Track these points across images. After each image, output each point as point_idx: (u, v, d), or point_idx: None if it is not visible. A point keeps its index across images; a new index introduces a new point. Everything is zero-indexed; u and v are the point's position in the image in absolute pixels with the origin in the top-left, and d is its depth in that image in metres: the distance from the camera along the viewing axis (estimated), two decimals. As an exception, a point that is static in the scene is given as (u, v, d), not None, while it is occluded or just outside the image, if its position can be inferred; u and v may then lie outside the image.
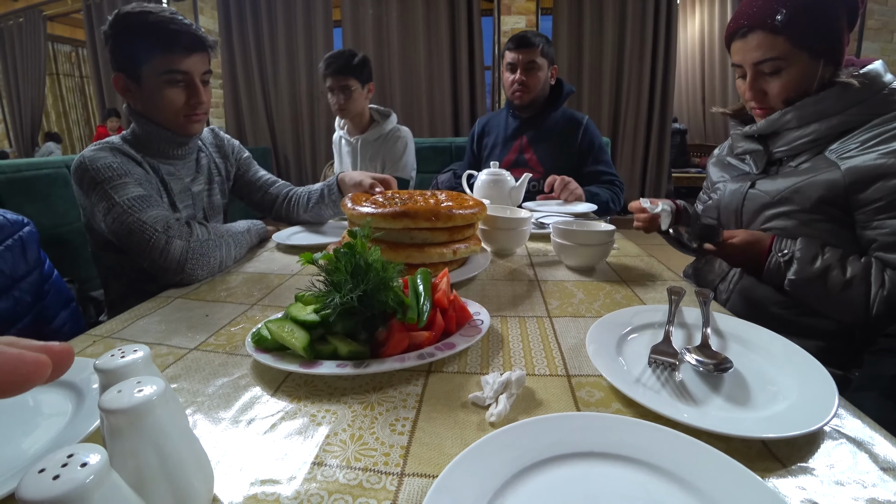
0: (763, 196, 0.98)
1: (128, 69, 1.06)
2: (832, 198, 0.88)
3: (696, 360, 0.55)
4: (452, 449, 0.43)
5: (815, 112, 0.92)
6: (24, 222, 0.96)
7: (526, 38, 1.85)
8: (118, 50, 1.06)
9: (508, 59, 1.88)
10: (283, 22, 5.08)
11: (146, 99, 1.08)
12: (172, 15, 1.04)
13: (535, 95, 1.88)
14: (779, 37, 0.90)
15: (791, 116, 0.94)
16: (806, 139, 0.94)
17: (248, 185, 1.40)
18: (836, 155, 0.90)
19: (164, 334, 0.70)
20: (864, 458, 0.42)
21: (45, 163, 1.46)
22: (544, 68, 1.87)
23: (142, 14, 1.02)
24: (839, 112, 0.90)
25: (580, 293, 0.84)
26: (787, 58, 0.91)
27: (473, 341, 0.60)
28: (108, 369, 0.37)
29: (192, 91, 1.09)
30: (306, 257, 0.61)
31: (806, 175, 0.92)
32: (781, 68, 0.93)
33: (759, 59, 0.93)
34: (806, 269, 0.86)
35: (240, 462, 0.42)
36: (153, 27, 1.02)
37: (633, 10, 4.63)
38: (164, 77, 1.05)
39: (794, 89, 0.94)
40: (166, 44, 1.04)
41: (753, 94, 0.98)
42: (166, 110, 1.09)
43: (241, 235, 1.10)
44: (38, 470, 0.25)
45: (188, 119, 1.11)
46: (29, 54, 6.51)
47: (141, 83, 1.07)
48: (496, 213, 1.07)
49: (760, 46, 0.92)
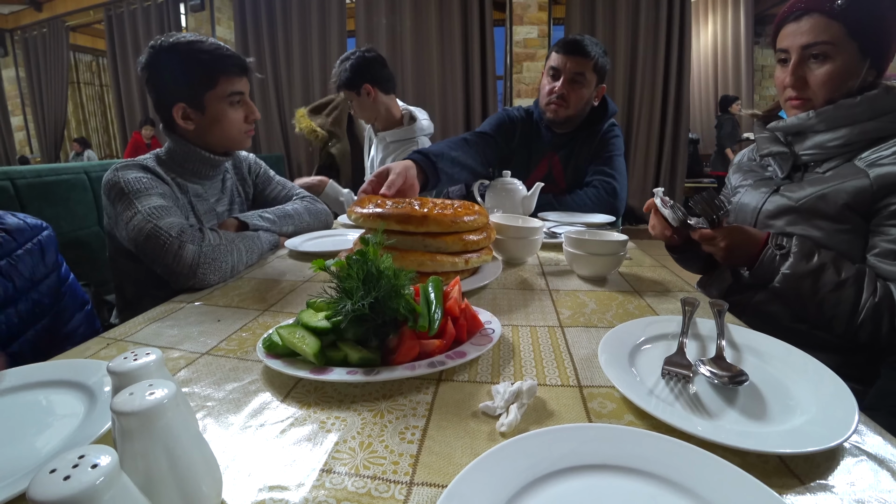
0: (786, 201, 0.96)
1: (189, 98, 1.12)
2: (857, 204, 0.86)
3: (710, 373, 0.54)
4: (462, 458, 0.43)
5: (848, 116, 0.90)
6: (42, 226, 0.98)
7: (580, 44, 1.56)
8: (174, 81, 1.12)
9: (553, 62, 1.59)
10: (298, 32, 5.15)
11: (210, 123, 1.15)
12: (216, 42, 1.13)
13: (573, 114, 1.63)
14: (834, 22, 0.88)
15: (823, 118, 0.92)
16: (836, 143, 0.91)
17: (265, 203, 1.43)
18: (866, 163, 0.87)
19: (176, 339, 0.71)
20: (885, 476, 0.41)
21: (65, 168, 1.49)
22: (591, 85, 1.60)
23: (190, 44, 1.10)
24: (873, 118, 0.88)
25: (592, 303, 0.83)
26: (838, 45, 0.88)
27: (484, 350, 0.60)
28: (121, 372, 0.37)
29: (249, 109, 1.20)
30: (318, 264, 0.61)
31: (833, 182, 0.89)
32: (829, 56, 0.89)
33: (809, 41, 0.90)
34: (801, 264, 0.85)
35: (249, 467, 0.42)
36: (209, 55, 1.11)
37: (645, 20, 4.63)
38: (228, 99, 1.14)
39: (837, 81, 0.90)
40: (227, 69, 1.12)
41: (794, 81, 0.94)
42: (230, 129, 1.17)
43: (253, 242, 1.11)
44: (50, 470, 0.25)
45: (247, 135, 1.22)
46: (52, 63, 6.70)
47: (204, 109, 1.13)
48: (508, 223, 1.07)
49: (814, 29, 0.89)
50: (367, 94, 1.96)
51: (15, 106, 7.20)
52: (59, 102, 6.85)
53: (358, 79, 1.93)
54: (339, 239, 1.31)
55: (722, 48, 6.36)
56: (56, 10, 6.50)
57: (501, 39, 4.90)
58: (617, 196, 1.62)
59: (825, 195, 0.89)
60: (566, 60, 1.56)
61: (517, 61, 4.73)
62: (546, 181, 1.61)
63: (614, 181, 1.63)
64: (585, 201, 1.60)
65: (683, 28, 4.66)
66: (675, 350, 0.60)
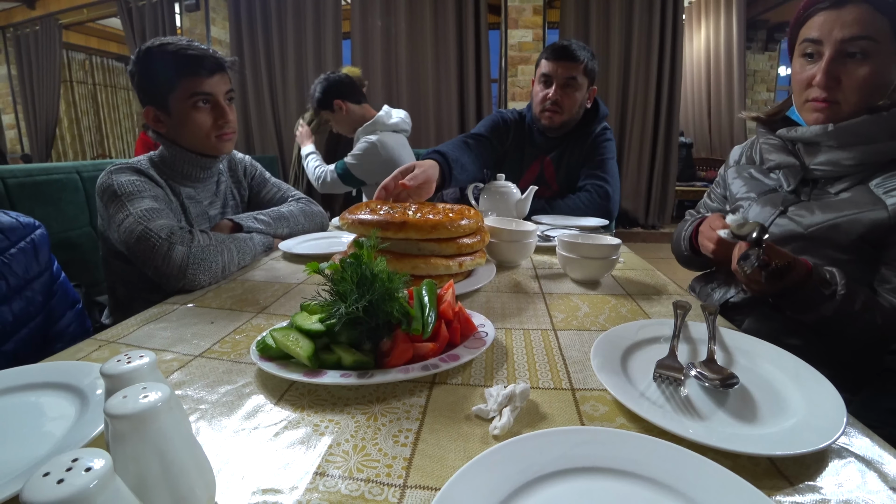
0: (795, 226, 0.87)
1: (156, 101, 1.12)
2: (873, 238, 0.80)
3: (701, 376, 0.55)
4: (455, 461, 0.43)
5: (870, 132, 0.81)
6: (35, 225, 0.98)
7: (569, 50, 1.58)
8: (144, 84, 1.12)
9: (544, 69, 1.61)
10: (293, 33, 5.14)
11: (177, 125, 1.13)
12: (189, 42, 1.10)
13: (568, 118, 1.65)
14: (881, 15, 0.77)
15: (841, 132, 0.83)
16: (852, 161, 0.83)
17: (261, 206, 1.43)
18: (883, 190, 0.80)
19: (169, 341, 0.71)
20: (873, 476, 0.41)
21: (56, 168, 1.48)
22: (584, 88, 1.63)
23: (160, 46, 1.08)
24: (892, 138, 0.80)
25: (585, 306, 0.84)
26: (882, 42, 0.78)
27: (478, 353, 0.60)
28: (114, 374, 0.37)
29: (219, 111, 1.14)
30: (312, 267, 0.61)
31: (847, 211, 0.82)
32: (870, 53, 0.79)
33: (851, 35, 0.78)
34: (846, 307, 0.76)
35: (242, 470, 0.42)
36: (173, 56, 1.08)
37: (639, 24, 4.67)
38: (190, 101, 1.11)
39: (873, 85, 0.80)
40: (188, 69, 1.09)
41: (826, 80, 0.82)
42: (197, 133, 1.14)
43: (244, 243, 1.11)
44: (43, 473, 0.25)
45: (219, 139, 1.17)
46: (45, 61, 6.64)
47: (170, 112, 1.12)
48: (502, 226, 1.07)
49: (858, 21, 0.78)
50: (340, 108, 2.21)
51: (6, 104, 7.13)
52: (52, 101, 6.79)
53: (328, 97, 2.21)
54: (334, 241, 1.31)
55: (714, 53, 6.41)
56: (49, 8, 6.44)
57: (496, 43, 4.92)
58: (610, 199, 1.64)
59: (838, 225, 0.82)
60: (556, 66, 1.58)
61: (512, 64, 4.75)
62: (538, 183, 1.63)
63: (607, 185, 1.65)
64: (579, 205, 1.61)
65: (676, 32, 4.71)
66: (667, 353, 0.60)
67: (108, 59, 8.80)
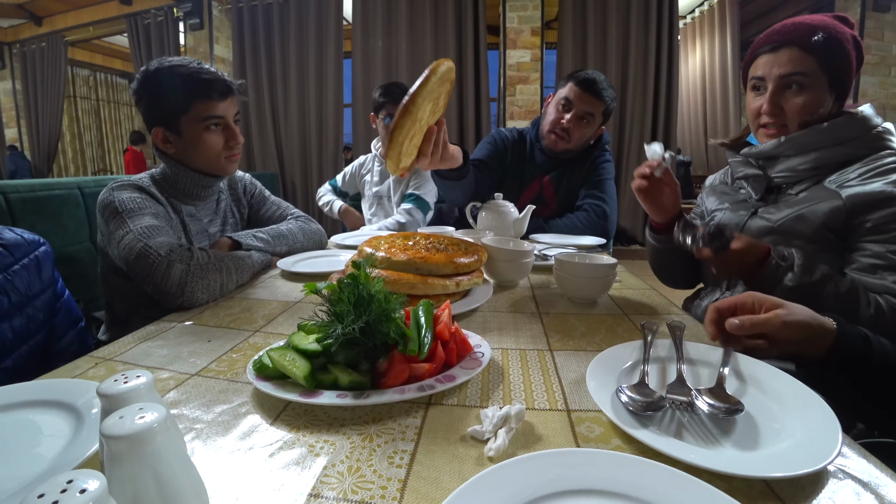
0: (765, 223, 1.00)
1: (167, 122, 1.13)
2: (833, 224, 0.91)
3: (708, 405, 0.53)
4: (450, 483, 0.43)
5: (817, 142, 0.96)
6: (40, 242, 0.99)
7: (596, 86, 1.59)
8: (154, 106, 1.13)
9: (568, 93, 1.61)
10: (296, 52, 5.22)
11: (187, 147, 1.15)
12: (200, 65, 1.12)
13: (572, 148, 1.69)
14: (810, 56, 0.95)
15: (792, 144, 0.98)
16: (806, 166, 0.98)
17: (261, 224, 1.44)
18: (836, 185, 0.93)
19: (166, 359, 0.71)
20: (869, 498, 0.41)
21: (58, 183, 1.49)
22: (596, 126, 1.67)
23: (171, 69, 1.10)
24: (839, 143, 0.95)
25: (582, 326, 0.84)
26: (812, 77, 0.96)
27: (474, 374, 0.60)
28: (111, 394, 0.37)
29: (230, 133, 1.17)
30: (310, 287, 0.62)
31: (807, 203, 0.95)
32: (804, 86, 0.96)
33: (787, 72, 0.97)
34: (805, 277, 0.85)
35: (236, 491, 0.42)
36: (187, 79, 1.10)
37: (635, 44, 4.74)
38: (203, 124, 1.13)
39: (810, 109, 0.97)
40: (202, 92, 1.11)
41: (771, 108, 1.00)
42: (208, 154, 1.16)
43: (243, 261, 1.11)
44: (38, 495, 0.26)
45: (228, 160, 1.19)
46: (49, 77, 6.73)
47: (181, 133, 1.13)
48: (499, 245, 1.08)
49: (791, 61, 0.96)
50: None
51: (10, 118, 7.20)
52: (55, 116, 6.86)
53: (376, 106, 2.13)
54: (332, 259, 1.31)
55: (710, 72, 6.51)
56: (56, 25, 6.55)
57: (495, 63, 4.99)
58: (607, 219, 1.65)
59: (802, 215, 0.94)
60: (581, 96, 1.60)
61: (510, 84, 4.82)
62: (537, 202, 1.64)
63: (605, 205, 1.67)
64: (576, 224, 1.63)
65: (672, 52, 4.79)
66: (675, 378, 0.59)
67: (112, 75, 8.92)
